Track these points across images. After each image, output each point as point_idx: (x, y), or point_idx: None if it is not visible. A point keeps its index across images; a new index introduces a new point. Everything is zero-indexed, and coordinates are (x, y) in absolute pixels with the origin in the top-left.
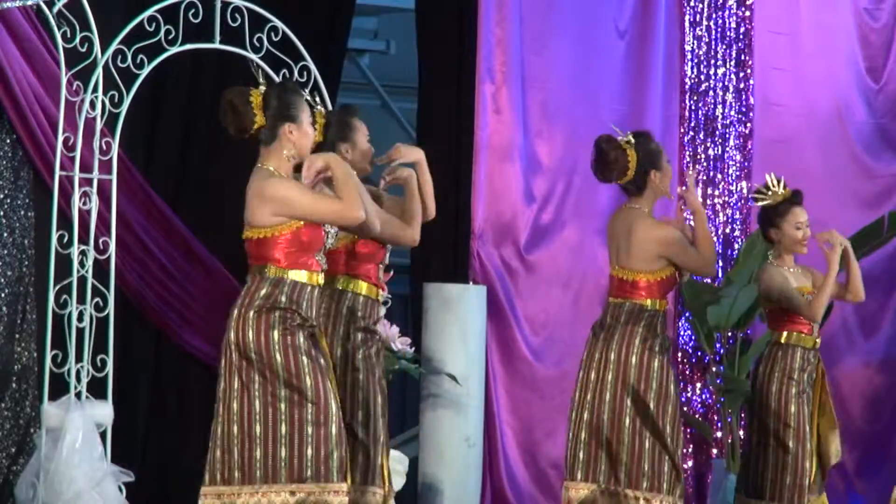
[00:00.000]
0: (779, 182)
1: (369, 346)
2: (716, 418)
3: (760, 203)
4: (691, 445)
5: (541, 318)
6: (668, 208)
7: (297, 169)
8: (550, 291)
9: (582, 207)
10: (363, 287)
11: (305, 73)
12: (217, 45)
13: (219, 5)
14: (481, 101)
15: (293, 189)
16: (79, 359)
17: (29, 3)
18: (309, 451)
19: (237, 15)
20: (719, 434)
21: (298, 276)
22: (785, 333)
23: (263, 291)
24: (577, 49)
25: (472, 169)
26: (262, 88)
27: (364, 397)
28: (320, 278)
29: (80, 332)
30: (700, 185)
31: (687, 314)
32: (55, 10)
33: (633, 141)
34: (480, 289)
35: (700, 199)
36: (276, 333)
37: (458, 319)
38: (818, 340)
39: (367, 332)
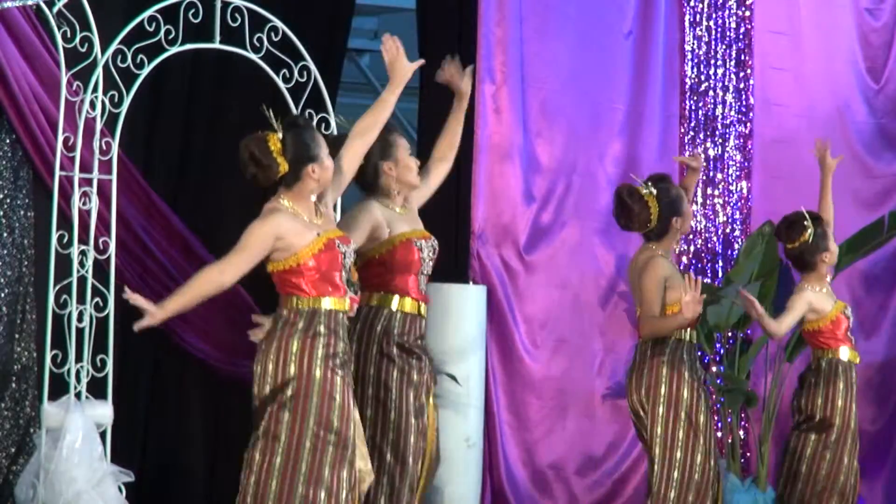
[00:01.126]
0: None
1: (410, 366)
2: (716, 418)
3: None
4: None
5: (540, 318)
6: None
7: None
8: (550, 292)
9: (581, 207)
10: (399, 302)
11: (305, 73)
12: (217, 45)
13: (219, 5)
14: (481, 101)
15: (252, 227)
16: (79, 359)
17: (29, 3)
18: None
19: (237, 15)
20: (719, 434)
21: (330, 303)
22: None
23: (301, 324)
24: (577, 49)
25: (472, 169)
26: (280, 134)
27: (396, 419)
28: (346, 303)
29: (80, 332)
30: (700, 184)
31: None
32: (55, 10)
33: (654, 192)
34: (480, 289)
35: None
36: (318, 372)
37: (458, 319)
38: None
39: (405, 351)
